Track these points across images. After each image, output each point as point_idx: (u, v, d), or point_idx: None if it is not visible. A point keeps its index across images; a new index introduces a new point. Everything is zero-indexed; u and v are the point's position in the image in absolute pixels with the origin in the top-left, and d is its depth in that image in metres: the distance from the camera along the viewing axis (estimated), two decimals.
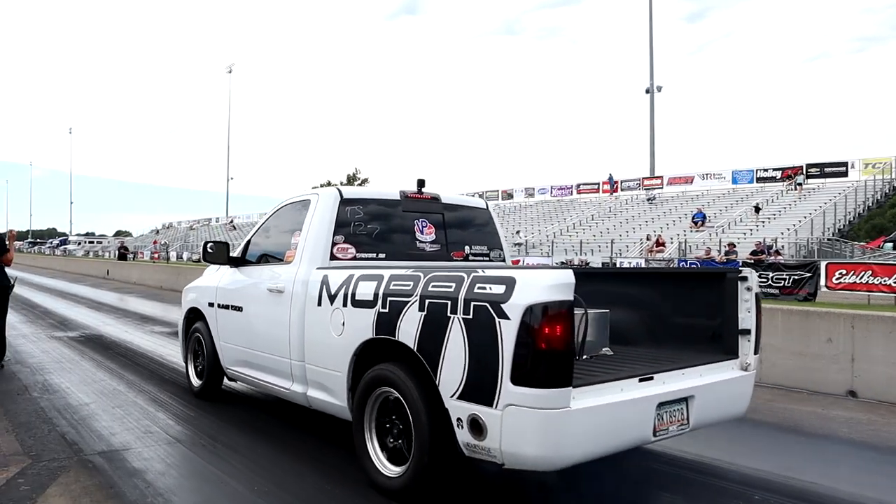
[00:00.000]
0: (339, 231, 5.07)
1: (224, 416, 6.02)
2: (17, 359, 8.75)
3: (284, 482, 4.38)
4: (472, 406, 3.54)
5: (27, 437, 5.25)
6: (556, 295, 3.33)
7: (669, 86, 47.59)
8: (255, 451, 5.01)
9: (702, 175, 45.51)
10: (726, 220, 35.89)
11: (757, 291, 4.57)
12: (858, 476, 4.82)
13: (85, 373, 7.92)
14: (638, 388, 3.81)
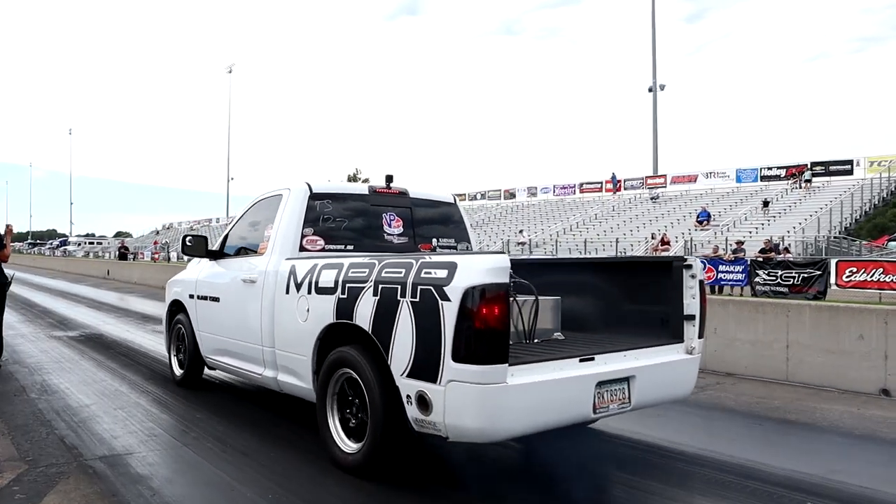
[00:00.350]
0: (309, 224, 5.31)
1: (232, 417, 5.78)
2: (15, 359, 8.46)
3: (300, 489, 4.12)
4: (419, 383, 3.76)
5: (24, 440, 4.96)
6: (492, 278, 3.56)
7: (671, 85, 47.35)
8: (266, 455, 4.74)
9: (705, 174, 45.37)
10: (731, 219, 35.70)
11: (701, 279, 4.77)
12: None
13: (85, 373, 7.64)
14: (578, 367, 4.03)
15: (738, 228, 33.47)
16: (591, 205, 45.87)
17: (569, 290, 5.22)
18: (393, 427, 4.03)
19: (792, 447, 5.29)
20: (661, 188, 45.89)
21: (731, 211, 37.20)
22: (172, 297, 7.15)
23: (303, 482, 4.23)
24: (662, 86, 47.72)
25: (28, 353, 9.00)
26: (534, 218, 46.24)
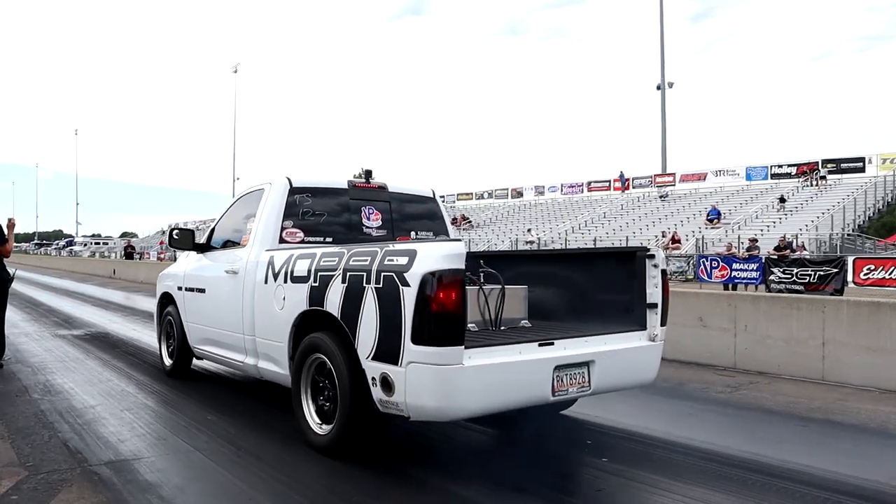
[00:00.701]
0: (289, 217, 5.51)
1: (244, 419, 5.50)
2: (18, 358, 8.18)
3: (322, 500, 3.87)
4: (383, 365, 3.94)
5: (24, 444, 4.68)
6: (448, 264, 3.73)
7: (679, 84, 46.97)
8: (282, 461, 4.47)
9: (715, 172, 45.08)
10: (742, 217, 35.32)
11: (663, 268, 4.91)
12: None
13: (90, 372, 7.37)
14: (536, 351, 4.18)
15: (749, 226, 33.12)
16: (600, 203, 45.64)
17: (540, 281, 5.48)
18: (360, 408, 4.21)
19: (846, 451, 4.95)
20: (670, 186, 45.63)
21: (742, 209, 36.89)
22: (163, 289, 7.37)
23: (326, 497, 3.94)
24: (671, 83, 47.33)
25: (32, 352, 8.74)
26: (542, 217, 46.01)
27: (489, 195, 55.43)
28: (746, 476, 4.23)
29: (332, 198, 5.81)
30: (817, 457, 4.72)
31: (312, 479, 4.15)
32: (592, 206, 45.34)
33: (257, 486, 3.96)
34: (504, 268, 5.31)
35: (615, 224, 39.71)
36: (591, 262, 5.56)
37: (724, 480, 4.16)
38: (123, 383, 6.79)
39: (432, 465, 4.54)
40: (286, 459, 4.45)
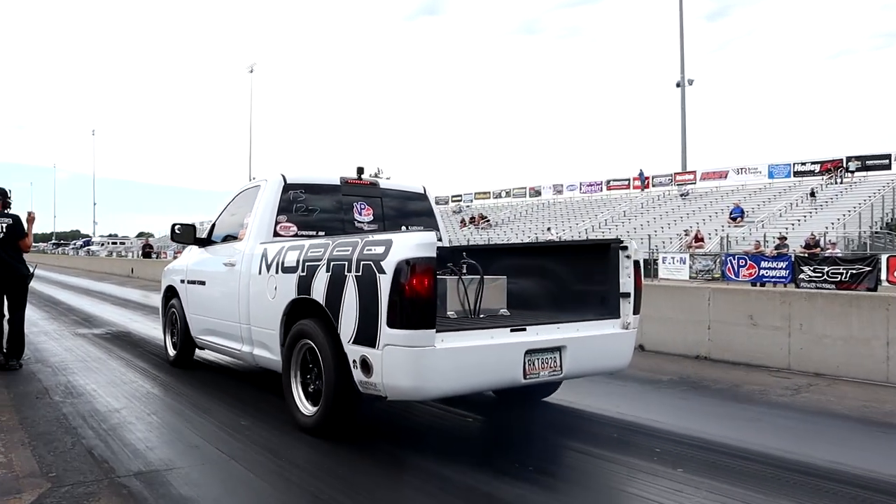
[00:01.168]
0: (283, 211, 5.77)
1: (278, 422, 5.10)
2: (38, 357, 7.90)
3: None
4: (363, 349, 4.18)
5: (46, 452, 4.36)
6: (420, 252, 3.97)
7: (696, 82, 46.26)
8: (322, 468, 4.21)
9: (736, 170, 44.40)
10: (766, 215, 34.64)
11: (636, 259, 5.08)
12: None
13: (113, 373, 7.05)
14: (508, 336, 4.40)
15: (773, 224, 32.49)
16: (619, 202, 45.15)
17: (522, 273, 5.71)
18: (344, 390, 4.44)
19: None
20: (691, 185, 44.98)
21: (765, 207, 36.21)
22: (167, 283, 7.68)
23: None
24: (691, 81, 46.72)
25: (52, 351, 8.46)
26: (561, 215, 45.61)
27: (507, 194, 55.02)
28: (839, 489, 3.82)
29: (325, 194, 6.06)
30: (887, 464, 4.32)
31: (369, 489, 3.85)
32: (612, 204, 44.87)
33: (304, 498, 3.66)
34: (489, 260, 5.68)
35: (636, 223, 39.25)
36: (569, 254, 5.74)
37: (820, 495, 3.76)
38: (148, 384, 6.50)
39: (422, 450, 4.65)
40: (327, 466, 4.20)
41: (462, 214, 52.40)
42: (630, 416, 5.40)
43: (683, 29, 45.12)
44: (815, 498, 3.72)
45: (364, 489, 3.83)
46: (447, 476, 4.06)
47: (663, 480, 3.97)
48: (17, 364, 7.15)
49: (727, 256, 24.36)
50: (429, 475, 4.09)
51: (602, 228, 39.38)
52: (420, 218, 6.53)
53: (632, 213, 41.54)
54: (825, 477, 4.02)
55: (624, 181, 49.05)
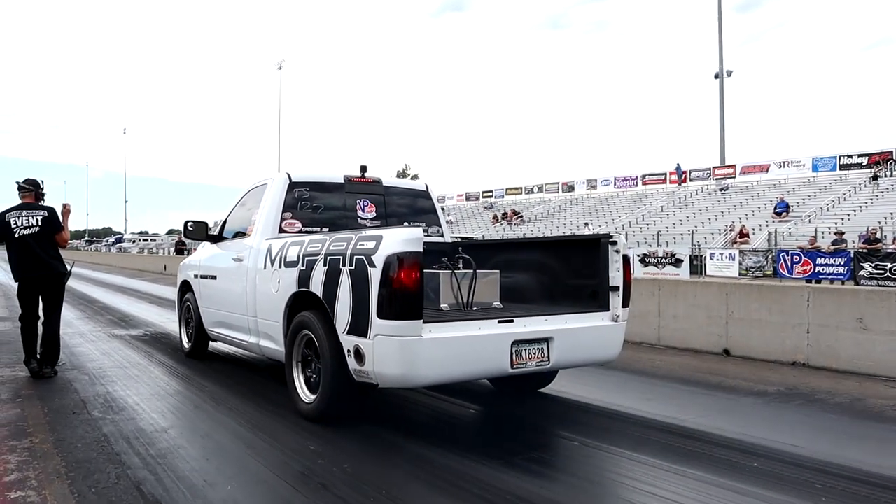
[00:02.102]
0: (288, 208, 6.01)
1: (356, 447, 4.41)
2: (74, 362, 7.32)
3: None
4: (356, 338, 4.38)
5: (86, 486, 3.69)
6: (407, 247, 4.17)
7: (734, 74, 45.03)
8: (325, 457, 4.12)
9: (778, 163, 43.07)
10: (813, 209, 33.38)
11: (625, 253, 5.20)
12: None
13: (155, 382, 6.42)
14: (495, 327, 4.56)
15: (821, 219, 31.27)
16: (655, 197, 44.21)
17: (516, 267, 5.88)
18: (340, 378, 4.65)
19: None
20: (731, 179, 43.75)
21: (811, 201, 34.94)
22: (182, 278, 7.96)
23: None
24: (729, 72, 45.42)
25: (88, 355, 7.90)
26: (596, 211, 44.77)
27: (539, 189, 54.18)
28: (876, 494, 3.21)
29: (330, 191, 6.27)
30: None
31: (368, 477, 3.78)
32: (648, 199, 43.94)
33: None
34: (486, 255, 5.96)
35: (674, 218, 38.31)
36: (561, 250, 5.86)
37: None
38: (196, 397, 5.85)
39: (422, 438, 4.74)
40: (342, 464, 4.01)
41: (494, 210, 51.67)
42: (761, 439, 4.64)
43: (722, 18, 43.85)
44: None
45: (364, 477, 3.85)
46: (445, 464, 4.14)
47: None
48: (51, 371, 6.58)
49: (780, 252, 23.34)
50: (427, 463, 4.15)
51: (640, 224, 38.53)
52: (422, 214, 6.70)
53: (670, 209, 40.56)
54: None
55: (660, 175, 47.99)
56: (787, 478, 3.93)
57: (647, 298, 9.04)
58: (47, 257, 6.61)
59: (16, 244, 6.49)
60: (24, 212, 6.57)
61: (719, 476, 3.94)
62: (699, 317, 8.51)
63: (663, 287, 9.01)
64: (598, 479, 4.11)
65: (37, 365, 6.54)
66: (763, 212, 34.67)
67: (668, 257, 26.27)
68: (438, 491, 3.72)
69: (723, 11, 44.26)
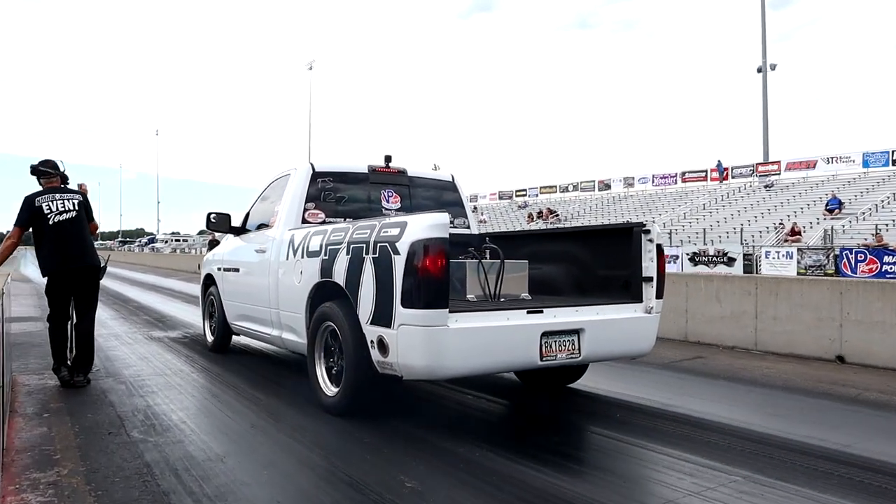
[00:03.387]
0: (311, 199, 5.88)
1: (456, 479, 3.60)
2: (109, 368, 6.57)
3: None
4: (380, 329, 4.26)
5: None
6: (433, 233, 4.03)
7: (774, 68, 43.76)
8: (341, 452, 3.90)
9: (826, 159, 41.61)
10: (868, 206, 31.96)
11: (659, 242, 5.01)
12: None
13: (202, 394, 5.63)
14: (524, 317, 4.41)
15: (877, 216, 29.88)
16: (696, 194, 43.01)
17: (545, 258, 5.70)
18: (363, 370, 4.48)
19: None
20: (775, 175, 42.35)
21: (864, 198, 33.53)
22: (206, 272, 7.91)
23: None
24: (773, 65, 43.94)
25: (124, 360, 7.13)
26: (634, 209, 43.75)
27: (574, 188, 53.13)
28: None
29: (353, 182, 6.13)
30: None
31: (395, 473, 3.55)
32: (687, 197, 42.78)
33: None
34: (514, 246, 5.77)
35: (718, 216, 37.16)
36: (592, 239, 5.65)
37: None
38: (252, 413, 4.97)
39: (450, 434, 4.52)
40: (365, 457, 3.87)
41: (529, 209, 50.78)
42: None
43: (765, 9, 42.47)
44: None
45: (392, 474, 3.67)
46: (473, 459, 3.96)
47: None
48: (84, 380, 5.79)
49: (842, 250, 22.11)
50: (458, 458, 3.97)
51: (682, 222, 37.43)
52: (448, 205, 6.50)
53: (713, 206, 39.36)
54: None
55: (700, 173, 46.69)
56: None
57: (742, 298, 8.09)
58: (85, 247, 5.85)
59: (51, 232, 5.66)
60: (57, 195, 5.78)
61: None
62: (806, 318, 7.53)
63: (761, 285, 8.02)
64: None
65: (67, 373, 5.72)
66: (813, 209, 33.40)
67: (719, 255, 25.19)
68: (466, 487, 3.52)
69: (756, 9, 42.83)
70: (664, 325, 8.63)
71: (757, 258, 25.13)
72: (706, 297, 8.48)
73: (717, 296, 8.36)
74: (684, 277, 8.74)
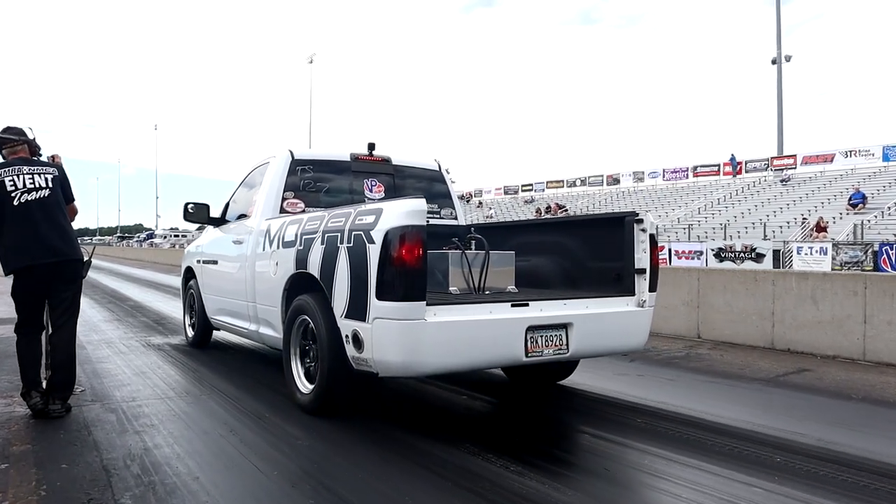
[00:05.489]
0: (290, 188, 5.67)
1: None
2: (97, 389, 5.27)
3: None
4: (354, 323, 4.02)
5: None
6: (410, 220, 3.79)
7: (769, 65, 42.84)
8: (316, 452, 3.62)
9: (844, 152, 40.75)
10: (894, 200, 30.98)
11: (652, 233, 4.76)
12: None
13: (215, 427, 4.28)
14: (508, 311, 4.15)
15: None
16: (708, 189, 42.19)
17: (533, 249, 5.47)
18: (338, 366, 4.25)
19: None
20: (791, 169, 41.43)
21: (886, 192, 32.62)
22: (186, 264, 7.66)
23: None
24: (788, 57, 42.93)
25: (117, 376, 5.79)
26: (646, 204, 42.99)
27: (581, 182, 52.13)
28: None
29: (335, 170, 5.90)
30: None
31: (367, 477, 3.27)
32: (700, 192, 41.99)
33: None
34: (502, 237, 5.52)
35: (735, 210, 36.34)
36: (582, 230, 5.40)
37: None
38: (286, 459, 3.69)
39: (429, 433, 4.29)
40: (335, 460, 3.56)
41: (536, 204, 49.74)
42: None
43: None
44: None
45: (364, 478, 3.37)
46: (454, 462, 3.67)
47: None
48: (61, 408, 4.46)
49: (882, 246, 21.03)
50: (436, 461, 3.69)
51: (697, 217, 36.43)
52: (435, 195, 6.31)
53: (728, 201, 38.46)
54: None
55: (712, 167, 45.85)
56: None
57: (845, 299, 6.89)
58: (63, 235, 4.53)
59: (16, 215, 4.38)
60: (24, 168, 4.50)
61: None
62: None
63: (871, 284, 6.79)
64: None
65: (40, 399, 4.41)
66: (833, 204, 32.57)
67: (747, 251, 24.13)
68: (443, 493, 3.25)
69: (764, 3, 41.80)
70: (746, 330, 7.53)
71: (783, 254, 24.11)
72: (798, 297, 7.27)
73: (812, 296, 7.14)
74: (770, 275, 7.57)
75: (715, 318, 8.04)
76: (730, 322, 7.82)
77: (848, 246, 22.62)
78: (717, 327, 8.00)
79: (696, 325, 8.25)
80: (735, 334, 7.75)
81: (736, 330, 7.74)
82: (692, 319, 8.30)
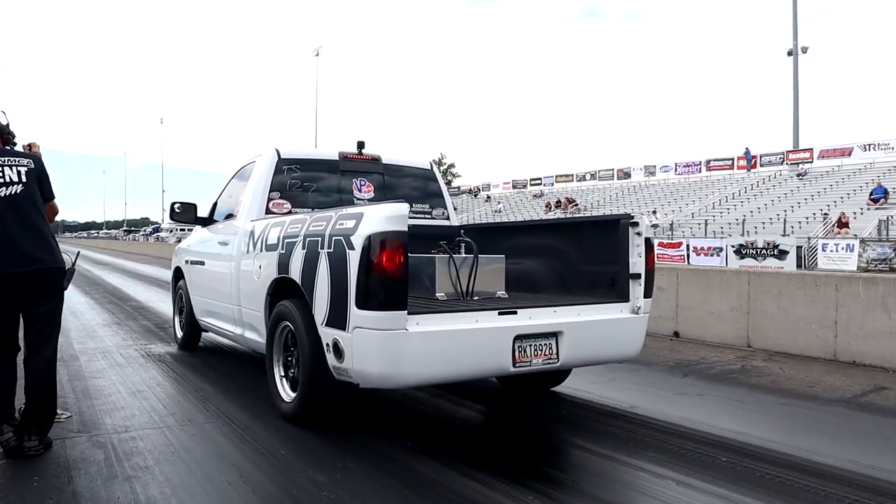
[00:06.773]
0: (276, 188, 5.52)
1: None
2: (86, 414, 4.59)
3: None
4: (334, 331, 3.89)
5: None
6: (390, 226, 3.65)
7: (783, 59, 42.05)
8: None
9: (863, 146, 40.10)
10: None
11: (647, 236, 4.61)
12: None
13: (223, 472, 3.57)
14: (495, 319, 4.02)
15: None
16: (722, 183, 41.60)
17: (525, 253, 5.34)
18: (319, 375, 4.12)
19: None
20: (808, 164, 40.77)
21: None
22: (175, 264, 7.51)
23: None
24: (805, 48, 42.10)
25: (110, 397, 5.10)
26: (658, 198, 42.45)
27: (591, 177, 51.45)
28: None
29: (323, 169, 5.78)
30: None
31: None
32: (713, 186, 41.43)
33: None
34: (493, 240, 5.45)
35: (751, 205, 35.76)
36: (575, 233, 5.23)
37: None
38: None
39: (415, 446, 4.19)
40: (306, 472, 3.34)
41: (545, 198, 49.10)
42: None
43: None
44: None
45: (341, 497, 3.15)
46: (437, 480, 3.48)
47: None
48: (38, 445, 3.77)
49: None
50: (419, 478, 3.50)
51: (712, 212, 35.84)
52: (426, 194, 6.23)
53: (744, 195, 37.81)
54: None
55: (726, 161, 45.15)
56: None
57: None
58: (40, 238, 3.85)
59: None
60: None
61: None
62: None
63: None
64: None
65: (13, 434, 3.71)
66: (853, 198, 31.86)
67: (769, 248, 23.41)
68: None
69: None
70: (804, 339, 6.83)
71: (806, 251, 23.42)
72: (866, 305, 6.56)
73: (883, 304, 6.43)
74: (833, 279, 6.85)
75: (767, 326, 7.33)
76: (786, 331, 7.11)
77: (875, 242, 21.86)
78: (770, 336, 7.29)
79: (746, 333, 7.54)
80: (791, 344, 7.04)
81: (792, 339, 7.04)
82: (741, 326, 7.59)
